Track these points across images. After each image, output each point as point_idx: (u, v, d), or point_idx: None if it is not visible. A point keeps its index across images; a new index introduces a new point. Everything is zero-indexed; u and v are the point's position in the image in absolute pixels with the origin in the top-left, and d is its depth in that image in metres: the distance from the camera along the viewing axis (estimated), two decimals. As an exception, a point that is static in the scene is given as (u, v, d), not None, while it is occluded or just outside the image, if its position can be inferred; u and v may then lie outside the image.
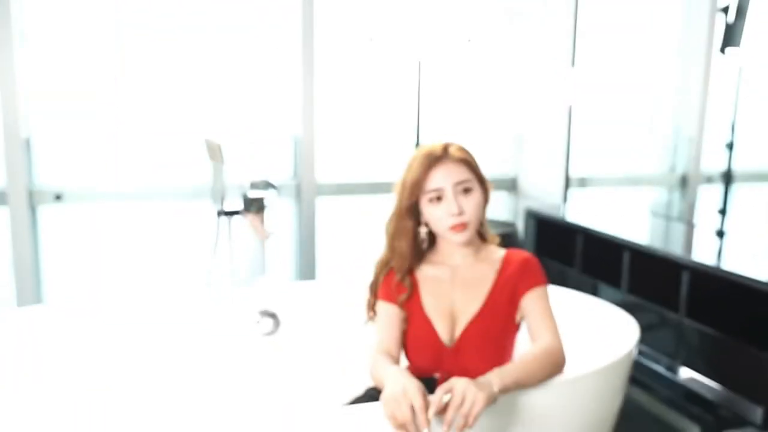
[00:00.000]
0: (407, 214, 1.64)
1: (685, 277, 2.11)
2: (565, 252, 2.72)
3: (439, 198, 1.59)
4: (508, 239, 3.01)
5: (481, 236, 1.72)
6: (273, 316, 2.17)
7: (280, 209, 3.11)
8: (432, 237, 1.69)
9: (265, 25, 3.08)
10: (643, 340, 2.27)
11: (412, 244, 1.66)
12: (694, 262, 2.13)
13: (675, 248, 2.39)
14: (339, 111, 3.24)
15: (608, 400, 1.70)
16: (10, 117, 2.80)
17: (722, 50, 2.98)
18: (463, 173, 1.59)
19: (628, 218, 2.83)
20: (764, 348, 1.83)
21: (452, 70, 3.31)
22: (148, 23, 2.92)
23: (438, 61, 3.10)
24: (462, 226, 1.59)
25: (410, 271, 1.70)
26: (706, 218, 2.72)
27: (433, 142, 1.64)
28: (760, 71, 2.65)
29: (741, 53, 2.80)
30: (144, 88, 2.97)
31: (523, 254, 1.68)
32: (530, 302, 1.61)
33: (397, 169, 1.69)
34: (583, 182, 3.44)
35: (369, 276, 1.75)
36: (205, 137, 2.20)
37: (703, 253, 2.34)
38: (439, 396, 1.34)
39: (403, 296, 1.67)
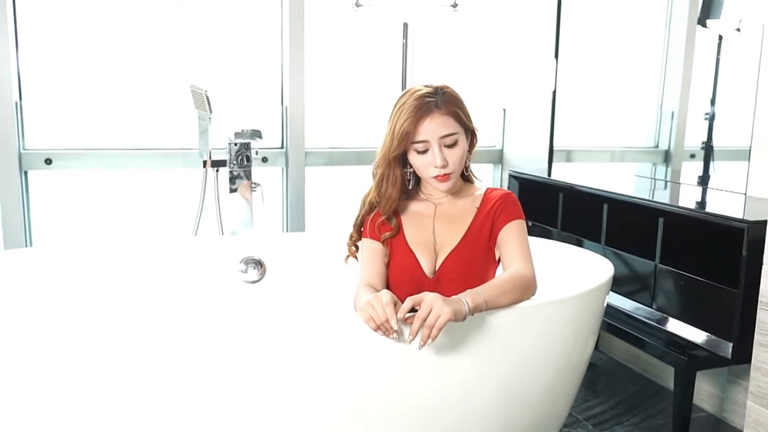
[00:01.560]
0: (395, 162, 1.67)
1: (661, 224, 2.16)
2: (548, 213, 2.78)
3: (425, 149, 1.63)
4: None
5: (465, 176, 1.77)
6: (259, 264, 2.21)
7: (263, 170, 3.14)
8: (416, 176, 1.74)
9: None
10: (621, 289, 2.34)
11: (399, 189, 1.70)
12: (669, 206, 2.19)
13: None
14: (326, 79, 3.29)
15: (583, 329, 1.74)
16: (1, 82, 2.82)
17: (702, 23, 3.03)
18: (449, 127, 1.61)
19: (611, 183, 2.88)
20: (733, 285, 1.88)
21: (439, 41, 3.36)
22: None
23: (424, 27, 3.14)
24: (445, 177, 1.64)
25: (397, 212, 1.74)
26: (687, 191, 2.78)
27: (423, 84, 1.64)
28: (742, 43, 2.66)
29: (721, 25, 2.85)
30: (134, 50, 3.00)
31: (502, 191, 1.73)
32: (506, 234, 1.66)
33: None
34: (568, 156, 3.49)
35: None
36: (191, 84, 2.22)
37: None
38: (408, 305, 1.39)
39: (388, 234, 1.72)
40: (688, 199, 2.68)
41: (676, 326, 2.12)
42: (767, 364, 1.63)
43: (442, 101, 1.60)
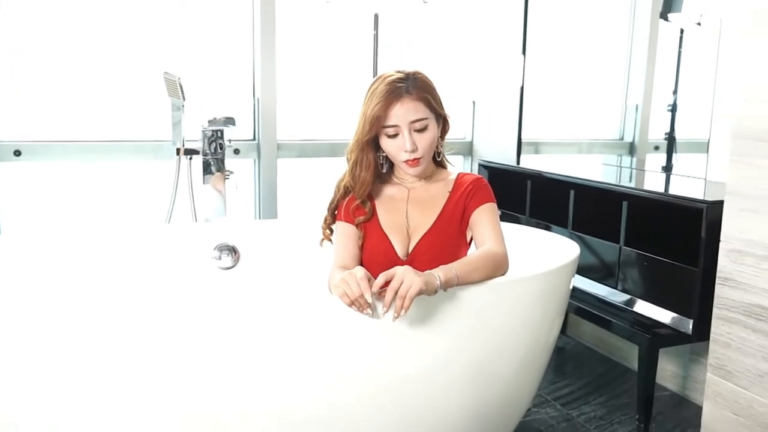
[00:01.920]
0: (368, 147, 1.71)
1: (625, 207, 2.23)
2: (517, 200, 2.84)
3: (396, 135, 1.66)
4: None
5: (438, 161, 1.81)
6: (233, 250, 2.23)
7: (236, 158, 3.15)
8: (390, 161, 1.78)
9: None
10: (587, 272, 2.40)
11: (373, 173, 1.74)
12: (633, 189, 2.27)
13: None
14: (298, 71, 3.31)
15: (550, 308, 1.80)
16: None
17: (663, 16, 3.12)
18: (419, 112, 1.65)
19: (578, 171, 2.96)
20: (694, 264, 1.95)
21: (409, 33, 3.40)
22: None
23: (394, 19, 3.18)
24: (415, 162, 1.67)
25: (371, 196, 1.78)
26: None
27: (395, 70, 1.68)
28: (703, 37, 2.74)
29: (683, 18, 2.93)
30: (105, 41, 2.99)
31: (474, 176, 1.78)
32: (478, 216, 1.71)
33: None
34: (536, 148, 3.56)
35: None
36: (164, 72, 2.23)
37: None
38: (381, 280, 1.43)
39: (362, 218, 1.75)
40: (651, 184, 2.76)
41: (639, 306, 2.19)
42: (724, 337, 1.71)
43: (413, 86, 1.63)
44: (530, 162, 3.27)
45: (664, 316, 2.10)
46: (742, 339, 1.66)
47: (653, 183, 2.76)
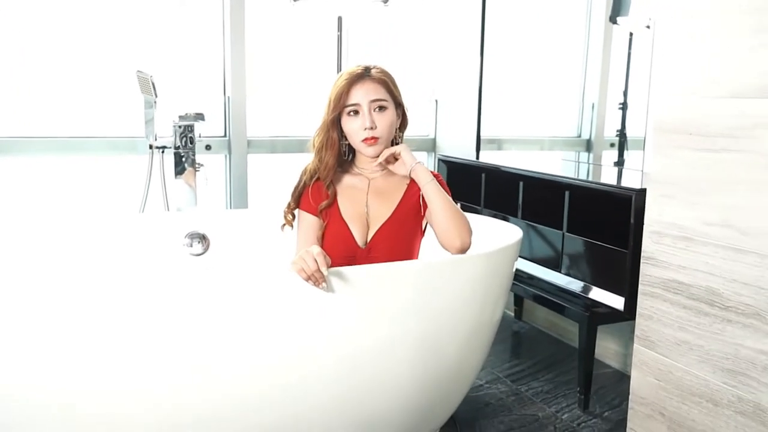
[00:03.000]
0: (332, 127, 1.85)
1: (567, 196, 2.42)
2: (473, 193, 3.01)
3: (356, 112, 1.81)
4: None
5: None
6: (203, 238, 2.37)
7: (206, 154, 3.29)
8: (353, 150, 1.92)
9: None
10: (535, 257, 2.59)
11: (336, 156, 1.88)
12: (573, 179, 2.46)
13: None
14: (267, 70, 3.45)
15: (493, 288, 1.96)
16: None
17: (612, 20, 3.31)
18: (379, 92, 1.81)
19: (531, 164, 3.13)
20: (624, 247, 2.14)
21: (372, 35, 3.57)
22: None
23: (357, 20, 3.35)
24: (373, 140, 1.81)
25: (333, 184, 1.92)
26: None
27: (357, 65, 1.85)
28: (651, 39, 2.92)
29: (631, 22, 3.12)
30: (80, 38, 3.11)
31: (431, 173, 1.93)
32: None
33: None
34: (499, 145, 3.73)
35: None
36: (137, 70, 2.37)
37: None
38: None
39: (324, 204, 1.88)
40: (604, 177, 2.94)
41: (580, 287, 2.38)
42: (648, 310, 1.89)
43: (374, 72, 1.82)
44: (488, 157, 3.44)
45: (601, 295, 2.29)
46: (662, 311, 1.84)
47: (605, 176, 2.95)
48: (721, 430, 1.70)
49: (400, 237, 1.89)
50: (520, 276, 2.63)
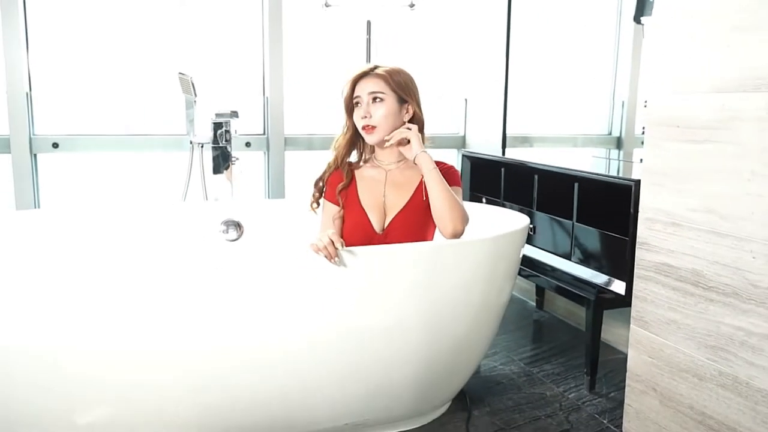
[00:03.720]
0: (347, 114, 2.08)
1: (576, 188, 2.55)
2: (493, 187, 3.16)
3: (359, 104, 2.02)
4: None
5: None
6: (238, 225, 2.59)
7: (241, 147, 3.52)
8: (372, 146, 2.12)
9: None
10: (545, 245, 2.73)
11: (348, 139, 2.10)
12: (581, 172, 2.58)
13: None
14: (302, 71, 3.68)
15: (499, 271, 2.11)
16: (14, 75, 3.21)
17: (636, 20, 3.41)
18: (377, 86, 2.01)
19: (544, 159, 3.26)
20: (626, 234, 2.27)
21: (400, 38, 3.75)
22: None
23: (386, 24, 3.54)
24: (370, 128, 2.02)
25: (353, 171, 2.12)
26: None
27: (369, 63, 2.09)
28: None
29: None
30: (131, 46, 3.39)
31: (444, 164, 2.11)
32: None
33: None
34: (525, 140, 3.86)
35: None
36: (178, 72, 2.61)
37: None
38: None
39: (341, 185, 2.09)
40: (633, 173, 3.03)
41: (589, 274, 2.51)
42: (642, 293, 2.02)
43: (378, 70, 2.02)
44: (515, 154, 3.59)
45: (606, 281, 2.41)
46: (654, 293, 1.97)
47: (635, 173, 3.04)
48: (705, 403, 1.82)
49: (414, 224, 2.07)
50: (536, 266, 2.77)
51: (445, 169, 2.05)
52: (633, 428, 2.08)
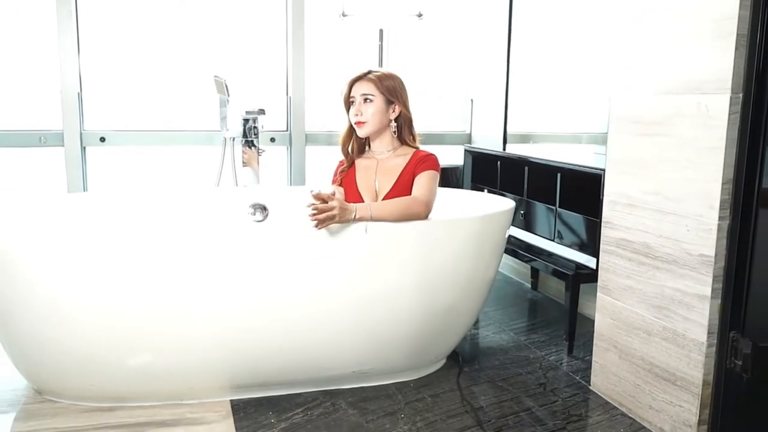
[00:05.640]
0: (346, 111, 2.48)
1: (558, 178, 2.91)
2: (492, 178, 3.53)
3: (353, 103, 2.42)
4: (455, 173, 3.86)
5: (404, 141, 2.51)
6: (264, 208, 2.98)
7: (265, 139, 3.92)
8: (367, 140, 2.51)
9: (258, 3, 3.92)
10: (532, 229, 3.08)
11: (347, 132, 2.51)
12: (562, 163, 2.94)
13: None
14: (321, 74, 4.07)
15: (486, 247, 2.47)
16: (67, 77, 3.65)
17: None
18: (368, 89, 2.40)
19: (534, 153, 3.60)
20: (597, 216, 2.62)
21: (410, 45, 4.13)
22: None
23: (398, 32, 3.92)
24: (360, 124, 2.42)
25: (353, 160, 2.52)
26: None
27: (366, 68, 2.47)
28: None
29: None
30: (169, 50, 3.81)
31: (426, 152, 2.47)
32: (419, 177, 2.40)
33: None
34: (530, 138, 4.17)
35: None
36: (214, 75, 3.01)
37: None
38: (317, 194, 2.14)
39: (341, 168, 2.52)
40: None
41: (568, 253, 2.87)
42: (606, 264, 2.37)
43: (370, 74, 2.41)
44: (515, 150, 3.92)
45: (583, 258, 2.77)
46: (615, 264, 2.32)
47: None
48: (653, 354, 2.17)
49: None
50: (530, 248, 3.13)
51: (423, 157, 2.42)
52: (599, 381, 2.44)
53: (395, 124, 2.46)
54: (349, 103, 2.45)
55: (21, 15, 3.61)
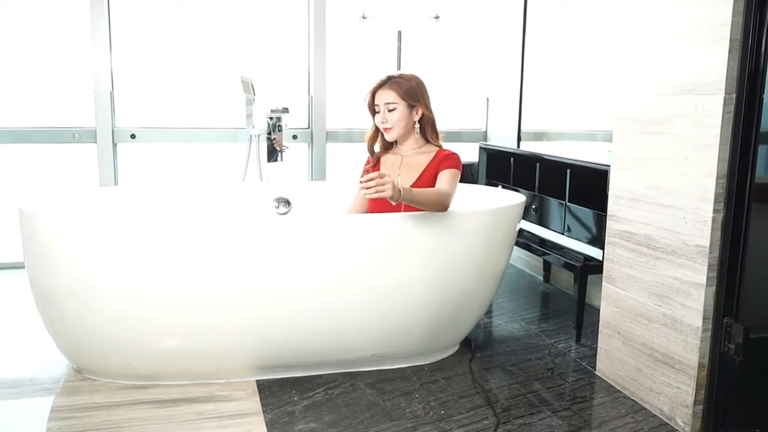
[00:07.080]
0: (371, 114, 2.64)
1: (568, 174, 3.04)
2: (506, 174, 3.66)
3: (378, 110, 2.56)
4: (471, 169, 4.00)
5: (428, 139, 2.65)
6: (287, 202, 3.14)
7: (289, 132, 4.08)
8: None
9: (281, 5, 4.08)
10: (545, 223, 3.21)
11: (372, 132, 2.67)
12: (571, 160, 3.07)
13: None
14: (341, 74, 4.23)
15: (497, 240, 2.61)
16: (100, 77, 3.84)
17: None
18: (390, 97, 2.54)
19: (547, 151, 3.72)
20: (603, 210, 2.74)
21: (430, 46, 4.27)
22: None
23: (414, 34, 4.07)
24: (387, 130, 2.59)
25: (378, 157, 2.68)
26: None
27: (386, 73, 2.61)
28: None
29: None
30: (197, 50, 3.99)
31: (450, 152, 2.62)
32: (442, 173, 2.55)
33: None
34: (539, 136, 4.30)
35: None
36: (240, 75, 3.18)
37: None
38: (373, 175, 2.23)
39: (368, 167, 2.66)
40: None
41: (577, 245, 3.00)
42: (611, 255, 2.50)
43: (390, 81, 2.55)
44: (530, 147, 4.05)
45: (591, 251, 2.90)
46: (619, 255, 2.45)
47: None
48: (653, 338, 2.30)
49: None
50: (545, 244, 3.27)
51: (447, 155, 2.56)
52: (604, 366, 2.57)
53: (419, 125, 2.60)
54: (373, 109, 2.60)
55: (57, 18, 3.80)
